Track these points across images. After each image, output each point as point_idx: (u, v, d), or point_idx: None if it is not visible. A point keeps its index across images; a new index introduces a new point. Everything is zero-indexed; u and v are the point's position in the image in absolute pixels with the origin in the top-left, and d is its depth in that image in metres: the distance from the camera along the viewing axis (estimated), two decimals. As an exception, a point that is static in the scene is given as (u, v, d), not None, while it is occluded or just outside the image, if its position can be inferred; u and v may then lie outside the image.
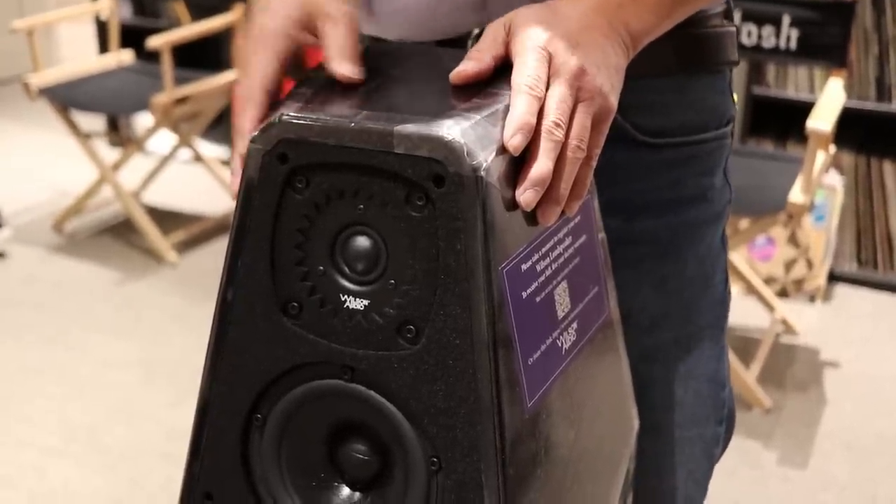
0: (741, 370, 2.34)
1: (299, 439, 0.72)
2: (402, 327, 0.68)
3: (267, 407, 0.72)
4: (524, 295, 0.69)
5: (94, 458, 2.18)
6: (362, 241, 0.68)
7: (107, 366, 2.53)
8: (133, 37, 3.55)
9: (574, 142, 0.69)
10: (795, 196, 2.21)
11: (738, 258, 2.65)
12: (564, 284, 0.76)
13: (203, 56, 3.61)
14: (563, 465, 0.75)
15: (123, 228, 3.30)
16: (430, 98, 0.72)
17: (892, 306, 2.87)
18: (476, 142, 0.65)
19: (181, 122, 3.19)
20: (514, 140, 0.67)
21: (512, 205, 0.68)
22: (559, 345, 0.74)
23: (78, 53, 4.18)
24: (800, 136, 2.61)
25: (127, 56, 3.40)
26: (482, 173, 0.64)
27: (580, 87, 0.70)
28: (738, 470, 2.16)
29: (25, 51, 3.20)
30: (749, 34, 2.57)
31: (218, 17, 3.19)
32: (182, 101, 3.00)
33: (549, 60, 0.70)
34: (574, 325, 0.77)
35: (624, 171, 0.91)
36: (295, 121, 0.68)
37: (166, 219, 3.31)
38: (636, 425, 0.90)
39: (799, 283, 2.86)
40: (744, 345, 2.61)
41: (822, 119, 2.22)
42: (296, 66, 0.80)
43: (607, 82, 0.72)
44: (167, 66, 2.91)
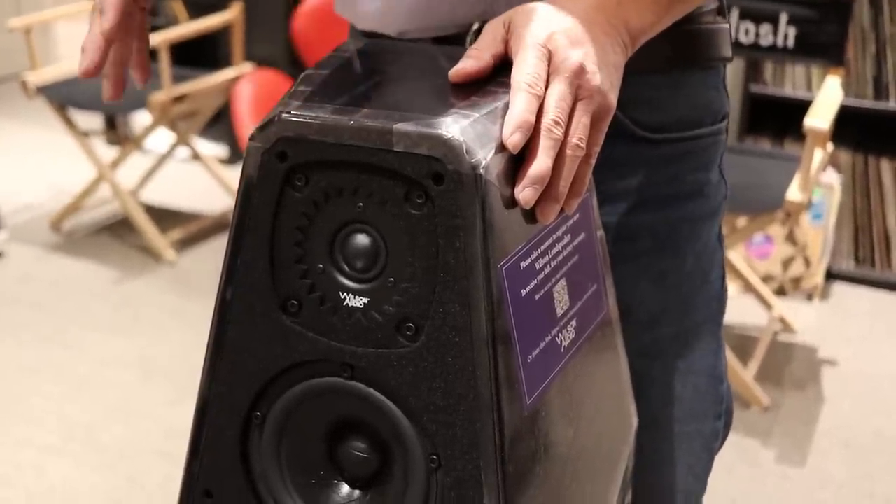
0: (739, 368, 2.34)
1: (299, 437, 0.72)
2: (402, 325, 0.68)
3: (266, 405, 0.72)
4: (523, 293, 0.69)
5: (92, 456, 2.18)
6: (362, 239, 0.68)
7: (105, 364, 2.53)
8: (131, 35, 3.55)
9: (573, 140, 0.69)
10: (793, 194, 2.21)
11: (736, 256, 2.65)
12: (563, 282, 0.76)
13: (201, 54, 3.61)
14: (562, 463, 0.75)
15: (121, 227, 3.30)
16: (430, 96, 0.72)
17: (890, 304, 2.87)
18: (475, 139, 0.65)
19: (179, 120, 3.19)
20: (514, 138, 0.67)
21: (511, 202, 0.68)
22: (558, 342, 0.74)
23: (76, 52, 4.17)
24: (797, 134, 2.62)
25: (124, 54, 3.39)
26: (481, 171, 0.64)
27: (580, 86, 0.70)
28: (736, 468, 2.16)
29: (23, 49, 3.20)
30: (746, 32, 2.57)
31: (216, 16, 3.19)
32: (180, 99, 2.99)
33: (548, 58, 0.70)
34: (573, 323, 0.77)
35: (622, 166, 0.92)
36: (294, 119, 0.68)
37: (164, 217, 3.31)
38: (635, 423, 0.91)
39: (797, 282, 2.87)
40: (742, 343, 2.61)
41: (819, 117, 2.22)
42: (289, 63, 0.82)
43: (607, 80, 0.72)
44: (165, 64, 2.91)
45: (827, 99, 2.37)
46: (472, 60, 0.72)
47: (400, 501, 0.71)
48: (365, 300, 0.68)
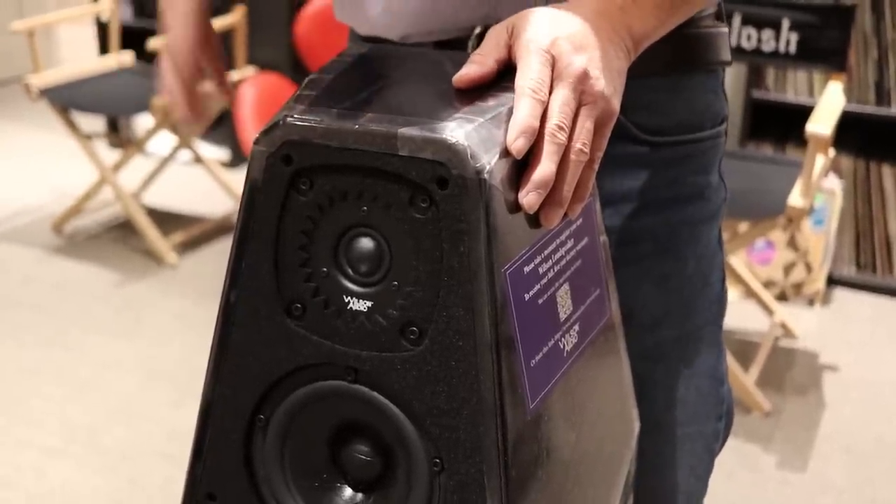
0: (740, 373, 2.34)
1: (302, 440, 0.73)
2: (406, 329, 0.68)
3: (270, 408, 0.73)
4: (526, 297, 0.70)
5: (93, 458, 2.18)
6: (366, 243, 0.68)
7: (106, 367, 2.53)
8: (133, 38, 3.56)
9: (577, 145, 0.70)
10: (795, 200, 2.21)
11: (738, 262, 2.65)
12: (566, 287, 0.76)
13: (203, 58, 3.61)
14: (565, 467, 0.75)
15: (123, 230, 3.30)
16: (434, 100, 0.72)
17: (891, 310, 2.87)
18: (479, 144, 0.65)
19: (181, 123, 3.19)
20: (518, 143, 0.67)
21: (515, 207, 0.68)
22: (561, 347, 0.74)
23: (78, 55, 4.18)
24: (799, 139, 2.62)
25: (127, 57, 3.40)
26: (485, 176, 0.65)
27: (583, 91, 0.70)
28: (736, 473, 2.16)
29: (25, 52, 3.21)
30: (749, 38, 2.57)
31: (218, 19, 3.19)
32: (182, 102, 2.99)
33: (552, 64, 0.70)
34: (576, 328, 0.77)
35: (622, 169, 0.92)
36: (299, 123, 0.68)
37: (166, 220, 3.31)
38: (637, 427, 0.91)
39: (798, 287, 2.87)
40: (743, 348, 2.61)
41: (821, 123, 2.22)
42: (293, 68, 0.84)
43: (610, 86, 0.72)
44: (168, 67, 2.91)
45: (829, 105, 2.37)
46: (476, 66, 0.73)
47: (403, 505, 0.71)
48: (369, 304, 0.69)
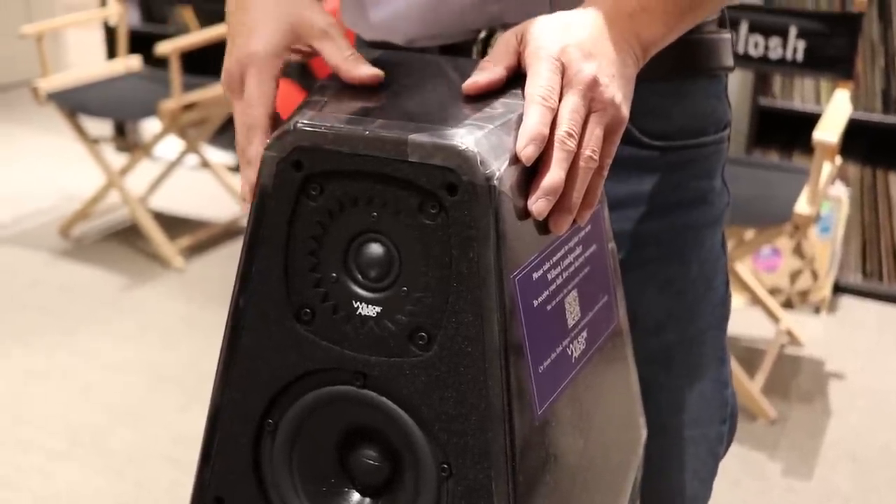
0: (746, 381, 2.34)
1: (311, 445, 0.73)
2: (415, 334, 0.68)
3: (279, 412, 0.73)
4: (535, 303, 0.70)
5: (99, 461, 2.18)
6: (375, 249, 0.68)
7: (113, 370, 2.53)
8: (141, 43, 3.57)
9: (587, 152, 0.70)
10: (801, 207, 2.21)
11: (744, 269, 2.65)
12: (575, 293, 0.76)
13: (211, 62, 3.61)
14: (572, 473, 0.76)
15: (130, 234, 3.31)
16: (444, 107, 0.73)
17: (897, 318, 2.87)
18: (489, 151, 0.66)
19: (188, 128, 3.20)
20: (527, 150, 0.67)
21: (524, 214, 0.68)
22: (569, 353, 0.75)
23: (86, 59, 4.20)
24: (806, 147, 2.62)
25: (135, 62, 3.41)
26: (495, 182, 0.65)
27: (593, 98, 0.71)
28: (742, 481, 2.16)
29: (34, 56, 3.22)
30: (756, 45, 2.57)
31: (221, 26, 3.20)
32: (189, 107, 3.01)
33: (562, 71, 0.71)
34: (584, 334, 0.77)
35: (626, 173, 0.92)
36: (309, 128, 0.68)
37: (173, 224, 3.32)
38: (644, 434, 0.91)
39: (804, 295, 2.86)
40: (749, 355, 2.61)
41: (828, 130, 2.22)
42: (302, 74, 0.82)
43: (619, 93, 0.72)
44: (175, 72, 2.92)
45: (835, 112, 2.37)
46: (486, 73, 0.73)
47: (410, 510, 0.71)
48: (378, 309, 0.69)
